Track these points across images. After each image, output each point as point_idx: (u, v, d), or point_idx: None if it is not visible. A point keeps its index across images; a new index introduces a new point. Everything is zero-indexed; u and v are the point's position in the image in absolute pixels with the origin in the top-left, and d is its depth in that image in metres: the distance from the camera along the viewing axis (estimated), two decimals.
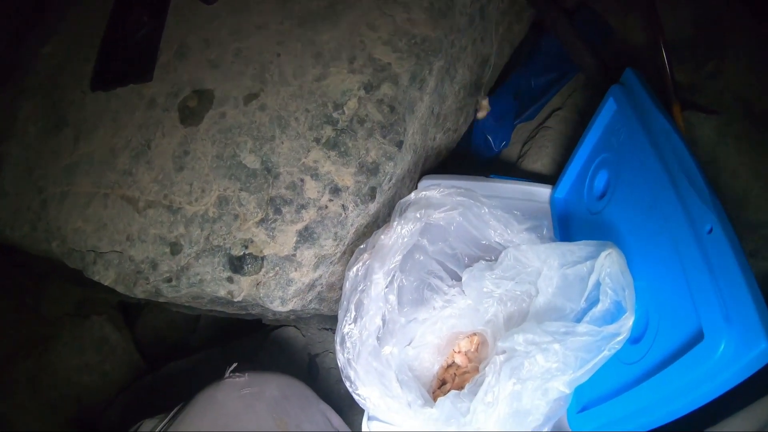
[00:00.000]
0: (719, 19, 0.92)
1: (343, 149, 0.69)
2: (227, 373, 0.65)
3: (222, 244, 0.69)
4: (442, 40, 0.75)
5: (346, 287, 0.62)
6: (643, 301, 0.57)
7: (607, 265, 0.56)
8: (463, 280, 0.67)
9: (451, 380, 0.71)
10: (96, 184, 0.78)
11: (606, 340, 0.54)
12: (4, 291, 1.09)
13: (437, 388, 0.71)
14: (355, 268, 0.62)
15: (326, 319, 0.92)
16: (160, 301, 0.76)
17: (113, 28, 0.89)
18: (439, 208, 0.63)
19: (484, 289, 0.65)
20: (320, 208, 0.68)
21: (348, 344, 0.60)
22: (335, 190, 0.68)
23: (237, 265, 0.68)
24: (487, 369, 0.58)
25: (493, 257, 0.68)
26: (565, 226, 0.76)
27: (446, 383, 0.71)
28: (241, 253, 0.68)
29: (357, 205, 0.68)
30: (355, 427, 0.80)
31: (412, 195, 0.64)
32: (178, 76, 0.79)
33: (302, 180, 0.69)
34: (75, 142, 0.82)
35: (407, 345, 0.68)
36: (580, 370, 0.55)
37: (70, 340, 1.07)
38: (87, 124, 0.82)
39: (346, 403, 0.84)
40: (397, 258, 0.61)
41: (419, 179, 0.82)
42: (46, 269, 1.10)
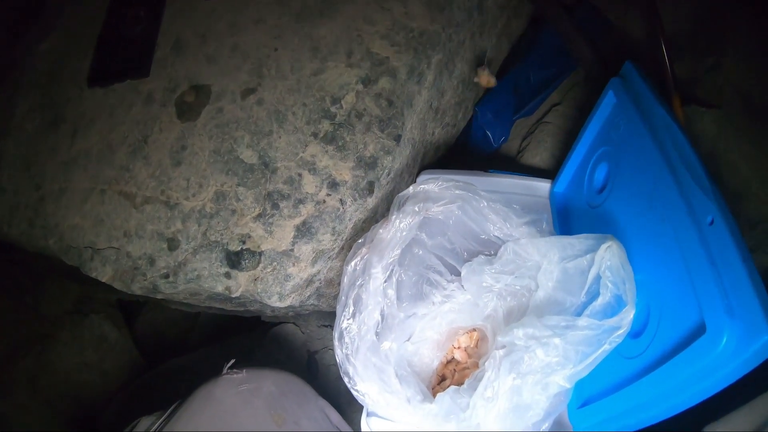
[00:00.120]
0: (719, 13, 0.91)
1: (341, 143, 0.69)
2: (225, 370, 0.65)
3: (219, 240, 0.68)
4: (440, 33, 0.75)
5: (345, 282, 0.62)
6: (644, 294, 0.57)
7: (608, 258, 0.55)
8: (462, 274, 0.66)
9: (451, 376, 0.70)
10: (93, 180, 0.77)
11: (606, 333, 0.53)
12: (3, 290, 1.09)
13: (437, 384, 0.70)
14: (353, 263, 0.61)
15: (325, 316, 0.91)
16: (158, 297, 0.76)
17: (110, 24, 0.88)
18: (438, 202, 0.62)
19: (484, 284, 0.65)
20: (318, 203, 0.67)
21: (346, 339, 0.60)
22: (333, 185, 0.68)
23: (234, 260, 0.67)
24: (487, 364, 0.58)
25: (493, 252, 0.68)
26: (565, 220, 0.76)
27: (446, 379, 0.70)
28: (239, 249, 0.67)
29: (355, 200, 0.67)
30: (354, 424, 0.80)
31: (411, 188, 0.64)
32: (175, 72, 0.79)
33: (300, 175, 0.68)
34: (72, 139, 0.82)
35: (406, 340, 0.68)
36: (581, 365, 0.54)
37: (69, 338, 1.07)
38: (84, 120, 0.82)
39: (346, 400, 0.84)
40: (396, 252, 0.60)
41: (418, 174, 0.81)
42: (45, 267, 1.09)
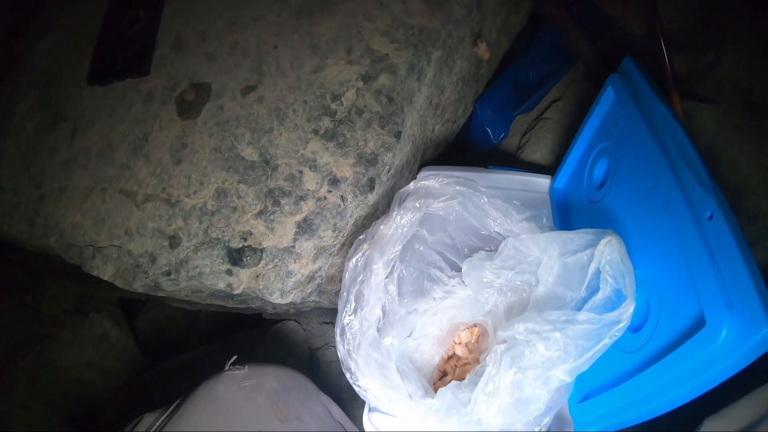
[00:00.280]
0: (718, 10, 0.91)
1: (341, 140, 0.69)
2: (227, 366, 0.65)
3: (221, 237, 0.68)
4: (440, 30, 0.75)
5: (346, 278, 0.62)
6: (643, 289, 0.57)
7: (607, 252, 0.56)
8: (462, 270, 0.67)
9: (452, 372, 0.71)
10: (94, 179, 0.78)
11: (607, 327, 0.54)
12: (3, 290, 1.09)
13: (438, 380, 0.71)
14: (354, 259, 0.62)
15: (326, 313, 0.91)
16: (160, 295, 0.76)
17: (110, 23, 0.88)
18: (439, 198, 0.63)
19: (484, 279, 0.65)
20: (319, 200, 0.67)
21: (348, 335, 0.60)
22: (334, 182, 0.68)
23: (236, 257, 0.67)
24: (488, 359, 0.58)
25: (493, 247, 0.68)
26: (565, 216, 0.76)
27: (447, 375, 0.71)
28: (240, 246, 0.67)
29: (356, 196, 0.68)
30: (356, 420, 0.80)
31: (411, 185, 0.64)
32: (175, 70, 0.79)
33: (301, 171, 0.69)
34: (72, 137, 0.82)
35: (407, 336, 0.68)
36: (581, 359, 0.55)
37: (70, 337, 1.07)
38: (84, 118, 0.82)
39: (347, 396, 0.84)
40: (397, 248, 0.61)
41: (418, 171, 0.81)
42: (45, 266, 1.09)
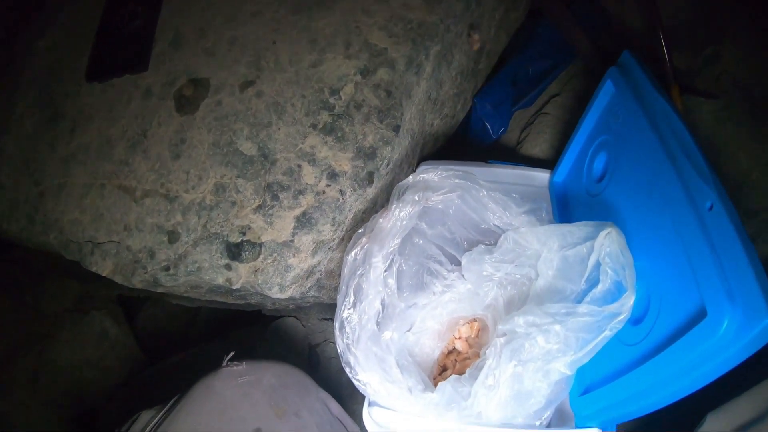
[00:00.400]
0: (717, 4, 0.91)
1: (340, 134, 0.69)
2: (225, 362, 0.64)
3: (219, 232, 0.68)
4: (438, 25, 0.75)
5: (345, 272, 0.62)
6: (644, 281, 0.57)
7: (607, 244, 0.55)
8: (462, 264, 0.66)
9: (452, 366, 0.70)
10: (93, 175, 0.78)
11: (607, 319, 0.53)
12: (3, 289, 1.08)
13: (438, 375, 0.70)
14: (353, 253, 0.61)
15: (326, 309, 0.91)
16: (159, 291, 0.76)
17: (108, 20, 0.88)
18: (438, 191, 0.62)
19: (484, 273, 0.65)
20: (318, 194, 0.67)
21: (347, 329, 0.60)
22: (333, 176, 0.68)
23: (235, 252, 0.67)
24: (488, 352, 0.58)
25: (492, 241, 0.68)
26: (564, 210, 0.76)
27: (447, 369, 0.70)
28: (239, 240, 0.67)
29: (355, 190, 0.67)
30: (356, 416, 0.80)
31: (410, 178, 0.64)
32: (173, 66, 0.79)
33: (299, 166, 0.68)
34: (71, 134, 0.82)
35: (407, 331, 0.68)
36: (582, 351, 0.54)
37: (70, 336, 1.07)
38: (83, 115, 0.82)
39: (347, 392, 0.84)
40: (396, 241, 0.60)
41: (417, 165, 0.81)
42: (45, 265, 1.09)
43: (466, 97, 0.90)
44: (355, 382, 0.60)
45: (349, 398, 0.84)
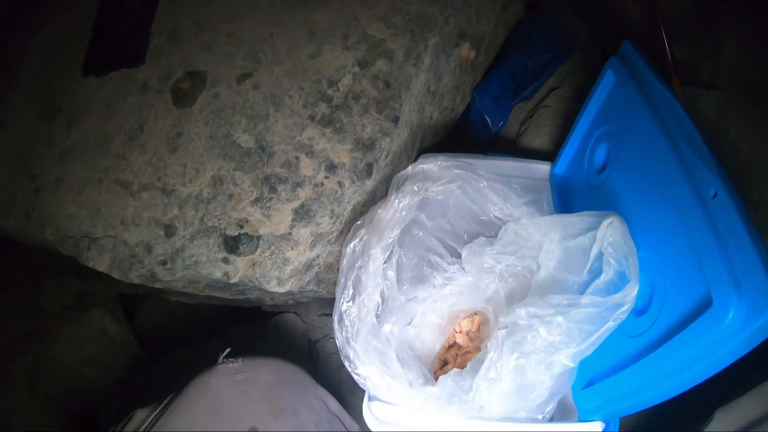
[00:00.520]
0: None
1: (338, 126, 0.68)
2: (220, 359, 0.63)
3: (217, 225, 0.68)
4: (437, 16, 0.74)
5: (344, 264, 0.61)
6: (647, 271, 0.56)
7: (609, 234, 0.55)
8: (463, 256, 0.66)
9: (453, 360, 0.70)
10: (89, 170, 0.77)
11: (610, 310, 0.53)
12: (2, 287, 1.08)
13: (439, 369, 0.70)
14: (352, 244, 0.61)
15: (326, 304, 0.90)
16: (156, 287, 0.75)
17: (105, 14, 0.88)
18: (437, 182, 0.62)
19: (485, 265, 0.64)
20: (316, 186, 0.67)
21: (346, 322, 0.59)
22: (331, 167, 0.67)
23: (232, 245, 0.66)
24: (490, 344, 0.57)
25: (493, 233, 0.67)
26: (566, 202, 0.75)
27: (448, 364, 0.70)
28: (237, 233, 0.66)
29: (353, 182, 0.67)
30: (357, 412, 0.79)
31: (410, 168, 0.63)
32: (170, 59, 0.78)
33: (297, 158, 0.68)
34: (68, 129, 0.81)
35: (407, 324, 0.67)
36: (585, 343, 0.54)
37: (69, 333, 1.06)
38: (80, 110, 0.82)
39: (348, 389, 0.83)
40: (396, 232, 0.59)
41: (416, 158, 0.80)
42: (44, 262, 1.09)
43: (465, 90, 0.90)
44: (355, 377, 0.59)
45: (350, 394, 0.83)
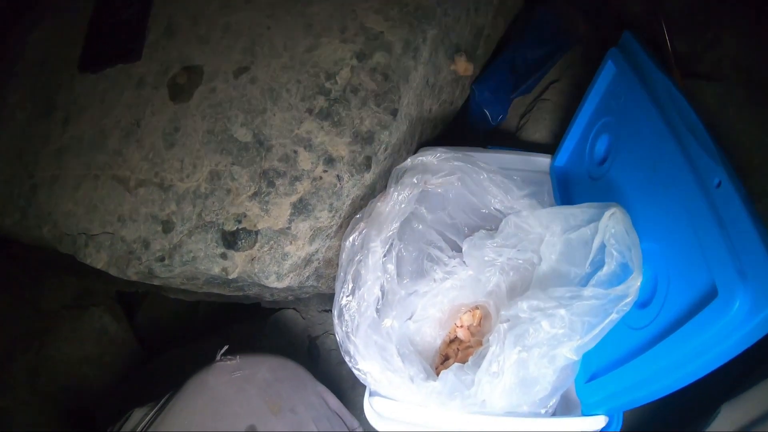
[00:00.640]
0: None
1: (336, 119, 0.67)
2: (218, 356, 0.63)
3: (215, 220, 0.67)
4: (436, 8, 0.73)
5: (343, 258, 0.60)
6: (650, 263, 0.55)
7: (612, 225, 0.54)
8: (463, 249, 0.65)
9: (454, 355, 0.69)
10: (86, 166, 0.76)
11: (613, 302, 0.52)
12: (1, 286, 1.08)
13: (440, 364, 0.69)
14: (351, 238, 0.60)
15: (326, 300, 0.90)
16: (155, 283, 0.75)
17: (101, 10, 0.87)
18: (437, 174, 0.61)
19: (486, 258, 0.64)
20: (314, 180, 0.66)
21: (346, 317, 0.58)
22: (329, 161, 0.66)
23: (230, 240, 0.66)
24: (491, 338, 0.56)
25: (494, 226, 0.67)
26: (566, 194, 0.74)
27: (449, 358, 0.69)
28: (235, 228, 0.66)
29: (352, 175, 0.66)
30: (358, 408, 0.79)
31: (409, 161, 0.63)
32: (167, 54, 0.78)
33: (295, 151, 0.67)
34: (64, 126, 0.81)
35: (408, 319, 0.67)
36: (588, 336, 0.53)
37: (69, 332, 1.06)
38: (76, 106, 0.81)
39: (348, 385, 0.82)
40: (395, 225, 0.59)
41: (415, 152, 0.80)
42: (43, 262, 1.08)
43: (464, 84, 0.89)
44: (356, 372, 0.59)
45: (351, 391, 0.82)
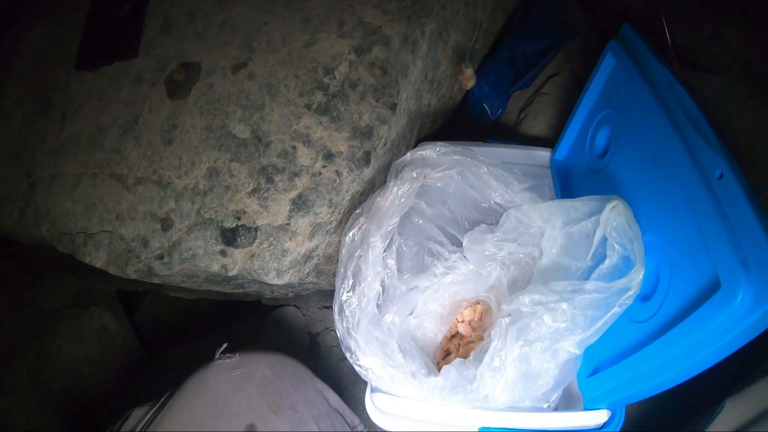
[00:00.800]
0: None
1: (335, 114, 0.67)
2: (217, 354, 0.62)
3: (214, 217, 0.67)
4: (434, 2, 0.73)
5: (343, 254, 0.60)
6: (652, 255, 0.55)
7: (613, 218, 0.54)
8: (464, 244, 0.65)
9: (456, 351, 0.69)
10: (84, 165, 0.76)
11: (615, 296, 0.52)
12: (1, 286, 1.08)
13: (441, 359, 0.69)
14: (351, 233, 0.60)
15: (326, 297, 0.90)
16: (155, 281, 0.74)
17: (97, 7, 0.87)
18: (437, 168, 0.61)
19: (486, 253, 0.63)
20: (314, 175, 0.65)
21: (347, 312, 0.58)
22: (329, 156, 0.66)
23: (230, 237, 0.65)
24: (493, 333, 0.56)
25: (494, 221, 0.66)
26: (567, 188, 0.74)
27: (450, 354, 0.69)
28: (234, 225, 0.65)
29: (351, 171, 0.66)
30: (359, 405, 0.78)
31: (408, 155, 0.62)
32: (164, 51, 0.77)
33: (294, 147, 0.67)
34: (61, 124, 0.80)
35: (409, 314, 0.66)
36: (590, 329, 0.53)
37: (69, 332, 1.06)
38: (73, 105, 0.81)
39: (349, 381, 0.82)
40: (395, 220, 0.58)
41: (415, 146, 0.79)
42: (43, 261, 1.08)
43: None
44: (357, 368, 0.58)
45: (352, 387, 0.82)
